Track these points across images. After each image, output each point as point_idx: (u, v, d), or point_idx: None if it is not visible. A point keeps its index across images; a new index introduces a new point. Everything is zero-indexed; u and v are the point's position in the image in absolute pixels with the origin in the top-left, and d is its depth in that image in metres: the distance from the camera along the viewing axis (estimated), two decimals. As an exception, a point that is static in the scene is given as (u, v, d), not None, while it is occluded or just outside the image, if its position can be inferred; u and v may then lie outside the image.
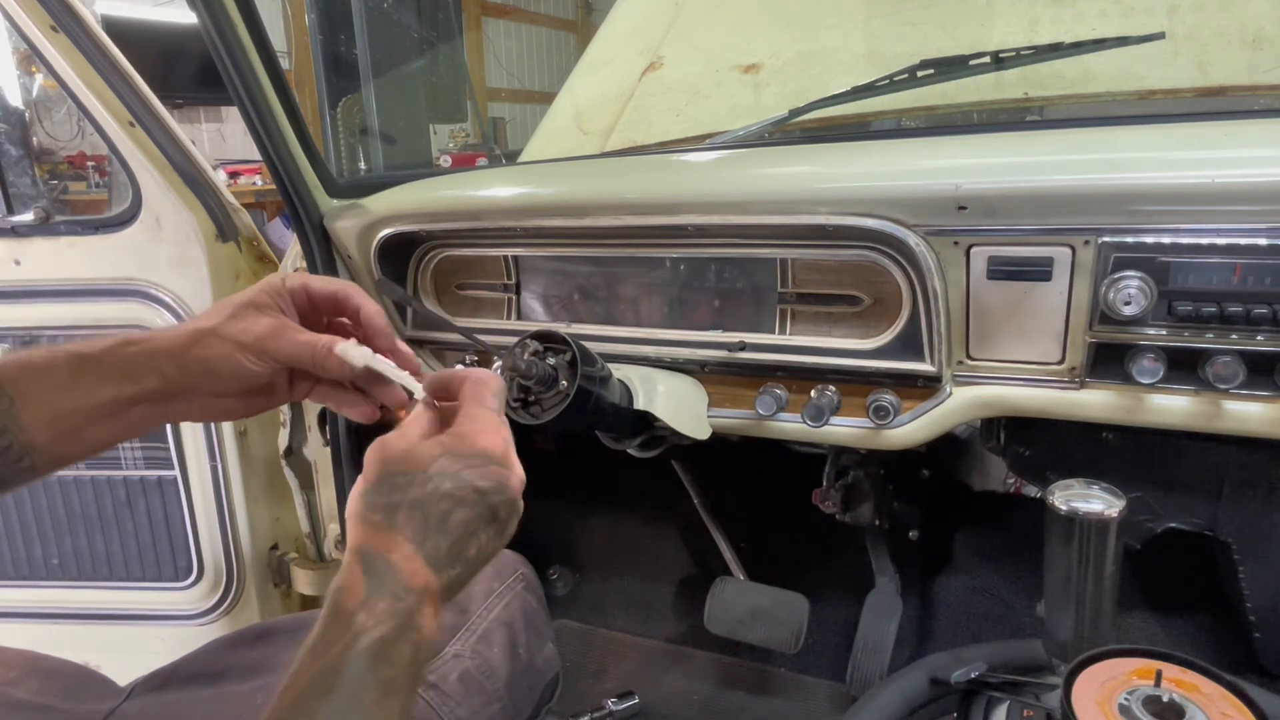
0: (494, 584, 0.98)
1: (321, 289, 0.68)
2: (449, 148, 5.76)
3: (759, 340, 1.07)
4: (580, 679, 1.57)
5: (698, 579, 1.70)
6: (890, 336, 1.00)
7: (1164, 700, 0.70)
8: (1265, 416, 0.85)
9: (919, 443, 1.01)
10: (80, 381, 0.61)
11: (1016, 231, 0.88)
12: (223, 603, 1.54)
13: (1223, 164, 0.83)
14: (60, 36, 1.28)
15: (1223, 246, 0.81)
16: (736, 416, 1.09)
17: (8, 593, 1.57)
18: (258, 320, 0.65)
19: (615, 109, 1.76)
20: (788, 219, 0.97)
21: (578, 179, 1.28)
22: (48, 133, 3.76)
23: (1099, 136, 1.04)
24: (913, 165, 0.98)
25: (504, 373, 0.87)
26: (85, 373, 0.61)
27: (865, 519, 1.36)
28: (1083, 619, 0.86)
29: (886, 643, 1.41)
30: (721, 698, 1.51)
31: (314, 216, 1.23)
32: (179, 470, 1.48)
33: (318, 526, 1.54)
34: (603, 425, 1.04)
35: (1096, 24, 1.41)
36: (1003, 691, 0.88)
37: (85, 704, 0.81)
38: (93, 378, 0.61)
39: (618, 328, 1.16)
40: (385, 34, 4.59)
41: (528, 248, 1.19)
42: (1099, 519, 0.83)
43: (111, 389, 0.61)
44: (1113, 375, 0.90)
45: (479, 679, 0.86)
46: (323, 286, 0.68)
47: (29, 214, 1.41)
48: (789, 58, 1.66)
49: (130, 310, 1.42)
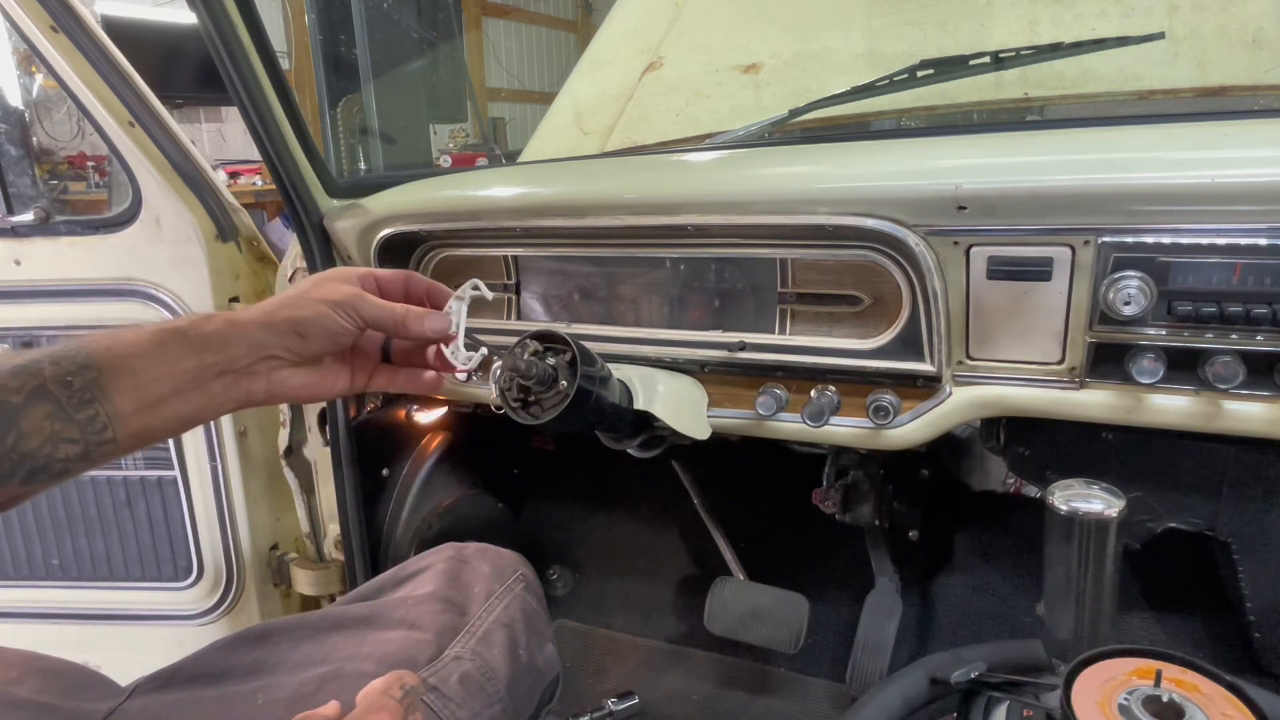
0: (494, 585, 0.98)
1: (387, 274, 0.76)
2: (449, 148, 5.76)
3: (759, 340, 1.07)
4: (580, 679, 1.57)
5: (698, 579, 1.70)
6: (890, 336, 1.00)
7: (1164, 700, 0.70)
8: (1265, 416, 0.85)
9: (919, 443, 1.01)
10: (166, 351, 0.62)
11: (1016, 231, 0.88)
12: (223, 603, 1.54)
13: (1223, 164, 0.83)
14: (60, 36, 1.28)
15: (1223, 246, 0.81)
16: (736, 416, 1.09)
17: (8, 593, 1.57)
18: (341, 287, 0.71)
19: (615, 109, 1.76)
20: (788, 219, 0.97)
21: (578, 179, 1.28)
22: (48, 133, 3.76)
23: (1099, 136, 1.04)
24: (913, 165, 0.98)
25: (504, 373, 0.87)
26: (170, 343, 0.63)
27: (865, 519, 1.36)
28: (1083, 619, 0.86)
29: (886, 643, 1.41)
30: (721, 698, 1.51)
31: (314, 216, 1.23)
32: (179, 470, 1.49)
33: (318, 526, 1.54)
34: (603, 425, 1.04)
35: (1096, 24, 1.41)
36: (1003, 691, 0.88)
37: (86, 703, 0.81)
38: (179, 347, 0.63)
39: (618, 328, 1.16)
40: (385, 34, 4.59)
41: (528, 248, 1.19)
42: (1099, 519, 0.83)
43: (196, 358, 0.63)
44: (1113, 375, 0.90)
45: (479, 681, 0.86)
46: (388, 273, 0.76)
47: (29, 214, 1.41)
48: (789, 58, 1.66)
49: (130, 310, 1.42)
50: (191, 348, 0.64)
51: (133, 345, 0.62)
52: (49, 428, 0.57)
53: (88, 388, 0.59)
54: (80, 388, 0.58)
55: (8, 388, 0.57)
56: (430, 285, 0.78)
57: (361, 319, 0.70)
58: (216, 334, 0.65)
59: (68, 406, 0.58)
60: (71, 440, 0.58)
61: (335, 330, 0.69)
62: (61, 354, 0.59)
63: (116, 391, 0.60)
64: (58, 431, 0.58)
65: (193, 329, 0.64)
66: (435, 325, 0.74)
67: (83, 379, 0.59)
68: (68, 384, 0.58)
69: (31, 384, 0.57)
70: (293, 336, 0.68)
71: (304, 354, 0.69)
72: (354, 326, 0.70)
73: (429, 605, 0.92)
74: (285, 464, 1.50)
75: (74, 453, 0.59)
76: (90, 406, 0.59)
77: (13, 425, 0.56)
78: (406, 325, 0.72)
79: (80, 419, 0.58)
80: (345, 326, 0.70)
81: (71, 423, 0.58)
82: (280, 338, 0.67)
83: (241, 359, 0.66)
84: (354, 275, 0.73)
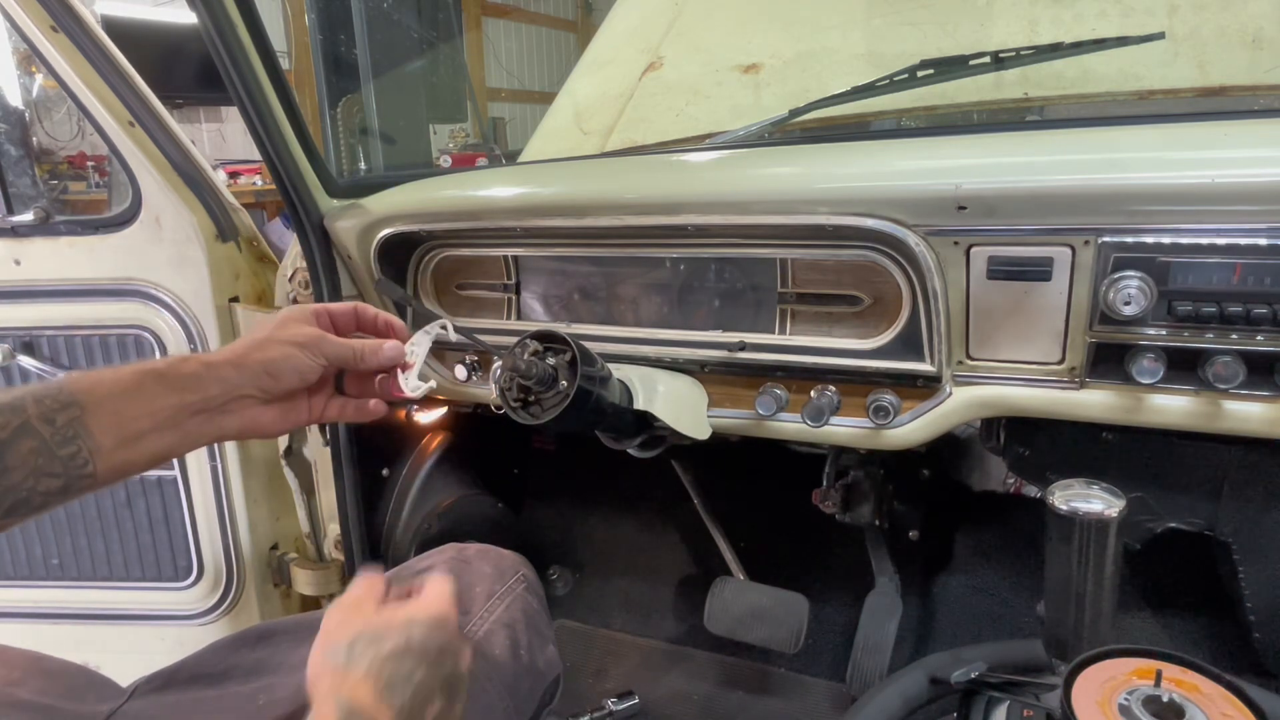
0: (495, 585, 0.98)
1: (339, 308, 0.82)
2: (449, 148, 5.75)
3: (759, 340, 1.07)
4: (580, 679, 1.57)
5: (698, 579, 1.70)
6: (890, 336, 1.00)
7: (1164, 700, 0.70)
8: (1265, 416, 0.85)
9: (919, 443, 1.01)
10: (144, 390, 0.67)
11: (1016, 231, 0.88)
12: (223, 603, 1.54)
13: (1223, 164, 0.83)
14: (60, 36, 1.28)
15: (1223, 246, 0.81)
16: (736, 416, 1.09)
17: (8, 593, 1.57)
18: (303, 328, 0.77)
19: (615, 109, 1.76)
20: (788, 219, 0.97)
21: (578, 179, 1.28)
22: (48, 133, 3.76)
23: (1099, 136, 1.04)
24: (913, 165, 0.98)
25: (504, 373, 0.88)
26: (149, 383, 0.67)
27: (865, 519, 1.36)
28: (1083, 619, 0.86)
29: (886, 643, 1.41)
30: (721, 698, 1.51)
31: (314, 216, 1.23)
32: (179, 470, 1.49)
33: (317, 526, 1.54)
34: (603, 425, 1.04)
35: (1096, 24, 1.41)
36: (1003, 691, 0.88)
37: (87, 704, 0.81)
38: (157, 387, 0.67)
39: (618, 328, 1.16)
40: (385, 34, 4.59)
41: (528, 248, 1.19)
42: (1099, 519, 0.83)
43: (174, 397, 0.68)
44: (1113, 375, 0.90)
45: (480, 682, 0.86)
46: (339, 306, 0.82)
47: (29, 214, 1.41)
48: (789, 58, 1.66)
49: (130, 310, 1.42)
50: (170, 388, 0.68)
51: (113, 385, 0.66)
52: (32, 462, 0.61)
53: (70, 425, 0.62)
54: (63, 424, 0.62)
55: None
56: (378, 313, 0.84)
57: (325, 357, 0.76)
58: (193, 375, 0.69)
59: (51, 443, 0.61)
60: (53, 475, 0.62)
61: (303, 369, 0.75)
62: (44, 392, 0.63)
63: (98, 429, 0.64)
64: (40, 466, 0.61)
65: (171, 370, 0.69)
66: (391, 354, 0.81)
67: (66, 416, 0.62)
68: (51, 421, 0.62)
69: (16, 421, 0.60)
70: (264, 377, 0.73)
71: (274, 392, 0.74)
72: (318, 365, 0.76)
73: (429, 605, 0.91)
74: (285, 464, 1.50)
75: (55, 486, 0.62)
76: (73, 444, 0.62)
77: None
78: (364, 359, 0.79)
79: (63, 455, 0.62)
80: (311, 365, 0.75)
81: (55, 458, 0.62)
82: (253, 379, 0.72)
83: (216, 399, 0.70)
84: (310, 314, 0.79)
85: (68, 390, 0.64)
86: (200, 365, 0.71)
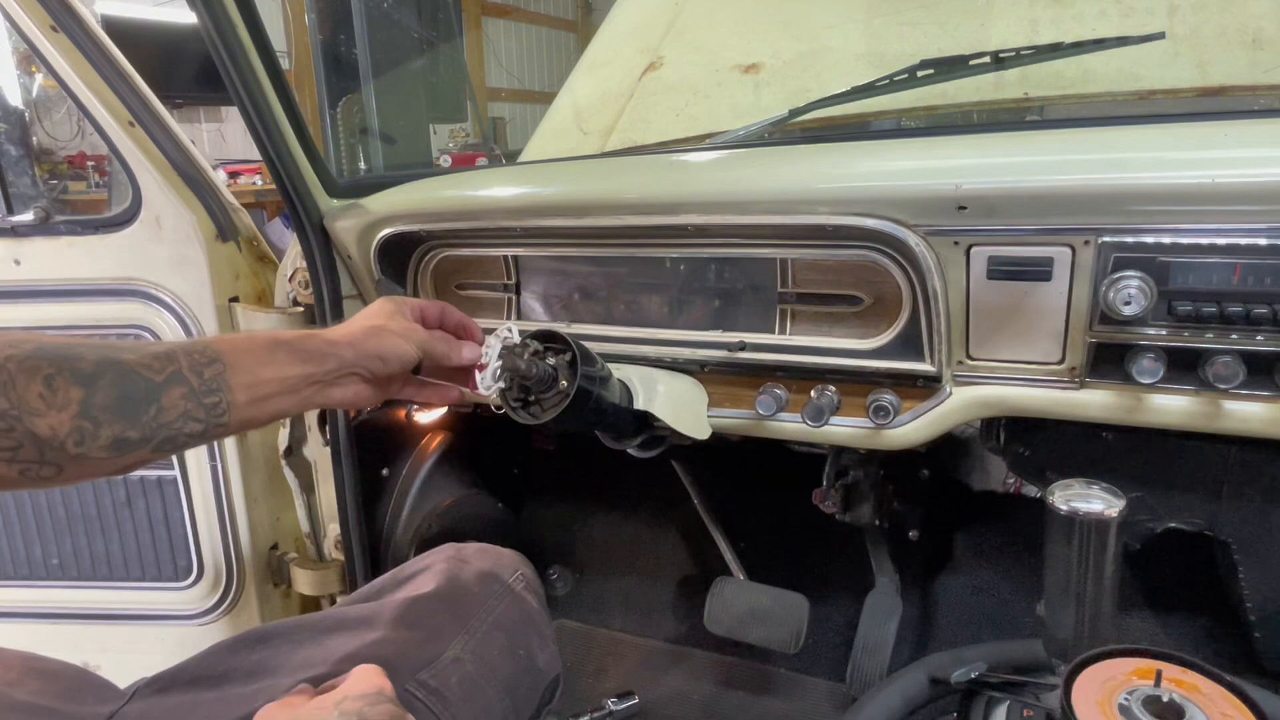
0: (494, 585, 0.98)
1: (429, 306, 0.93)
2: (449, 148, 5.75)
3: (759, 340, 1.07)
4: (580, 679, 1.57)
5: (698, 579, 1.70)
6: (890, 336, 1.00)
7: (1164, 700, 0.70)
8: (1265, 416, 0.85)
9: (919, 443, 1.01)
10: (276, 358, 0.75)
11: (1016, 231, 0.88)
12: (223, 603, 1.54)
13: (1223, 164, 0.83)
14: (60, 36, 1.28)
15: (1223, 246, 0.81)
16: (736, 416, 1.09)
17: (8, 593, 1.57)
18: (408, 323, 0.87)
19: (615, 109, 1.76)
20: (788, 219, 0.97)
21: (578, 179, 1.28)
22: (48, 133, 3.76)
23: (1099, 136, 1.04)
24: (913, 165, 0.98)
25: (503, 373, 0.88)
26: (280, 352, 0.76)
27: (865, 519, 1.36)
28: (1083, 619, 0.86)
29: (886, 643, 1.41)
30: (721, 698, 1.51)
31: (314, 216, 1.23)
32: (179, 470, 1.48)
33: (318, 526, 1.54)
34: (603, 425, 1.04)
35: (1096, 24, 1.41)
36: (1003, 691, 0.88)
37: (86, 706, 0.81)
38: (287, 356, 0.76)
39: (618, 328, 1.16)
40: (385, 34, 4.59)
41: (528, 248, 1.19)
42: (1099, 519, 0.83)
43: (300, 368, 0.77)
44: (1113, 375, 0.90)
45: (480, 682, 0.86)
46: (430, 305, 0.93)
47: (29, 214, 1.41)
48: (789, 58, 1.65)
49: (130, 310, 1.42)
50: (298, 359, 0.77)
51: (249, 349, 0.75)
52: (182, 406, 0.69)
53: (215, 379, 0.71)
54: (210, 377, 0.71)
55: (152, 368, 0.68)
56: (462, 317, 0.95)
57: (422, 347, 0.86)
58: (317, 351, 0.79)
59: (198, 391, 0.70)
60: (197, 420, 0.70)
61: (406, 358, 0.85)
62: (192, 347, 0.72)
63: (236, 385, 0.72)
64: (188, 411, 0.69)
65: (299, 343, 0.78)
66: (471, 356, 0.90)
67: (212, 371, 0.71)
68: (199, 373, 0.70)
69: (170, 369, 0.69)
70: (375, 360, 0.82)
71: (379, 374, 0.84)
72: (417, 355, 0.86)
73: (429, 606, 0.92)
74: (285, 464, 1.49)
75: (197, 430, 0.70)
76: (215, 394, 0.71)
77: (154, 400, 0.68)
78: (451, 357, 0.89)
79: (207, 403, 0.71)
80: (414, 355, 0.85)
81: (200, 405, 0.70)
82: (365, 360, 0.81)
83: (333, 373, 0.79)
84: (412, 309, 0.90)
85: (213, 348, 0.72)
86: (324, 343, 0.80)
